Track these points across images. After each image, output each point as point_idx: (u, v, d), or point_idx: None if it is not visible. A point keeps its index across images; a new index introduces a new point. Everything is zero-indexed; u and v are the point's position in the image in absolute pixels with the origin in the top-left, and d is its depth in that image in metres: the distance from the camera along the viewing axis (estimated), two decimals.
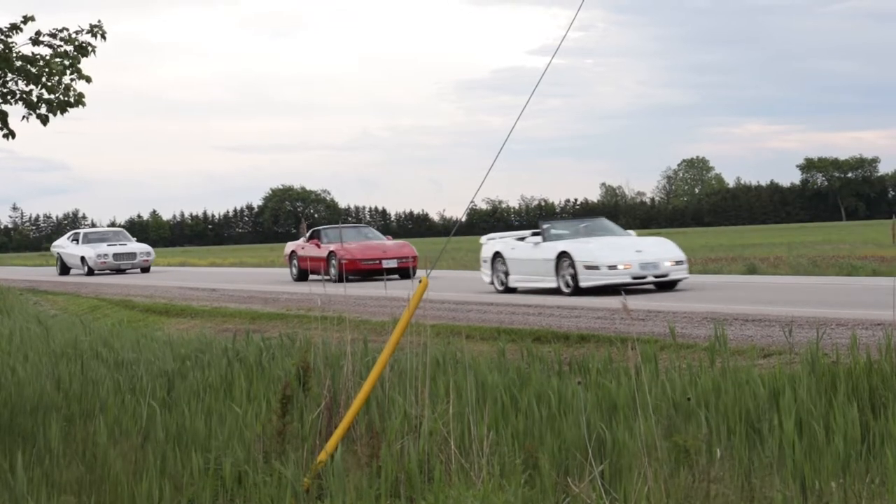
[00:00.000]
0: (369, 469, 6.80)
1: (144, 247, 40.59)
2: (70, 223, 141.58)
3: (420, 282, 6.93)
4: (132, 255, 39.31)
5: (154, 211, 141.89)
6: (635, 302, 15.69)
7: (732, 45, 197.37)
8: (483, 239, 21.85)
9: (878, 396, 7.52)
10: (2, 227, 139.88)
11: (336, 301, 17.51)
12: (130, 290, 28.04)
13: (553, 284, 19.15)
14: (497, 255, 20.72)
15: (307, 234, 29.39)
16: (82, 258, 39.45)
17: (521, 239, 20.77)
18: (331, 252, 27.21)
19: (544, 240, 19.99)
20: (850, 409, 7.06)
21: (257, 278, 31.64)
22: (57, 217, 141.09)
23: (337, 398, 7.77)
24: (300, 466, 6.99)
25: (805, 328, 11.58)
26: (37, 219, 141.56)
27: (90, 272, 38.67)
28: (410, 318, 7.00)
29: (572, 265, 18.69)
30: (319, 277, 27.33)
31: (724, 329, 10.73)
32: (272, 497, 6.77)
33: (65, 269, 41.08)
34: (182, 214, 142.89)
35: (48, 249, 57.32)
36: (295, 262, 29.05)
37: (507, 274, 20.48)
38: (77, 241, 40.97)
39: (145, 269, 39.57)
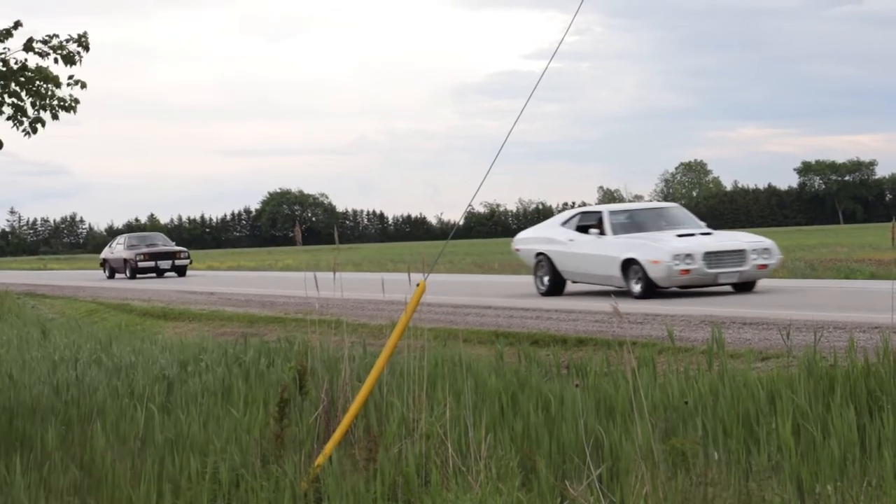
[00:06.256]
0: (367, 472, 6.80)
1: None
2: (67, 227, 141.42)
3: (418, 285, 6.93)
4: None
5: (152, 214, 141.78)
6: (631, 306, 15.70)
7: (729, 48, 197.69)
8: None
9: (875, 400, 7.53)
10: None
11: (334, 304, 17.50)
12: (128, 294, 28.03)
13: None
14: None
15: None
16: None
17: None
18: None
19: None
20: (847, 412, 7.07)
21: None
22: (54, 221, 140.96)
23: (335, 402, 7.77)
24: (298, 470, 6.99)
25: (802, 331, 11.59)
26: (34, 222, 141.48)
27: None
28: (408, 322, 7.00)
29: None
30: None
31: (722, 332, 10.74)
32: (270, 501, 6.77)
33: (556, 285, 20.05)
34: (180, 218, 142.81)
35: (45, 253, 55.00)
36: None
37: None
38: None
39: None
